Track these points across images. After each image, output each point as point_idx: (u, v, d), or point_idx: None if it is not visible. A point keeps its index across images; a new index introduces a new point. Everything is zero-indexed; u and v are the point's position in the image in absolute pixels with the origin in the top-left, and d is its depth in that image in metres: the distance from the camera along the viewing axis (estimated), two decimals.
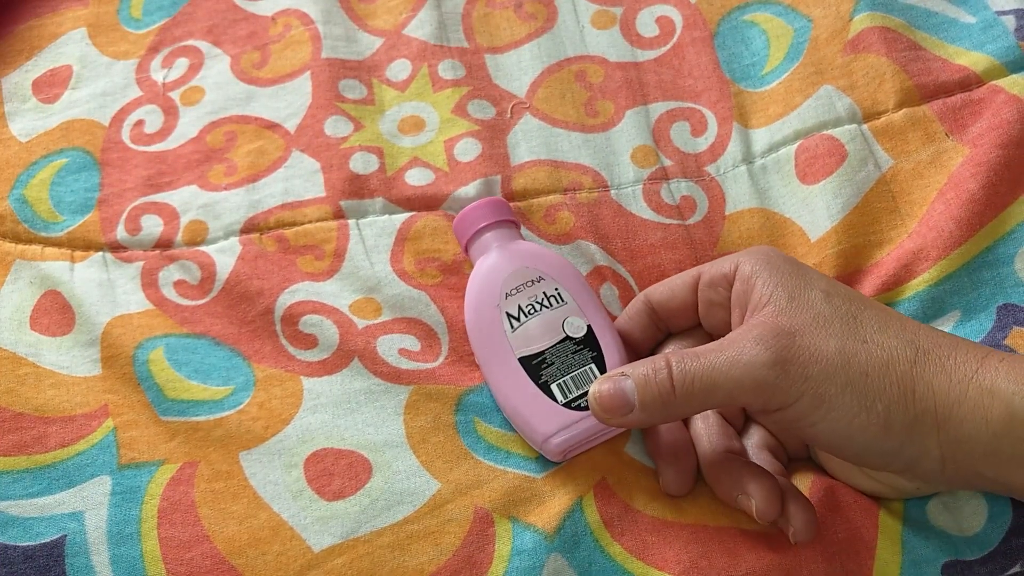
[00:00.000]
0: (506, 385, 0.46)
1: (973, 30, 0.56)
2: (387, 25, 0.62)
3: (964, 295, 0.49)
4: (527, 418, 0.46)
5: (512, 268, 0.48)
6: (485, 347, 0.47)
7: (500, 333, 0.47)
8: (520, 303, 0.47)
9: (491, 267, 0.48)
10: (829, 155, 0.53)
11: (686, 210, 0.54)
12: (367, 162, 0.56)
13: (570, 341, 0.47)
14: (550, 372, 0.46)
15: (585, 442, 0.46)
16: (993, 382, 0.38)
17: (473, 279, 0.49)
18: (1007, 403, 0.38)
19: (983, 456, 0.39)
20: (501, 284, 0.48)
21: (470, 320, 0.48)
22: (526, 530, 0.44)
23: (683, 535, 0.44)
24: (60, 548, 0.44)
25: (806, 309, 0.41)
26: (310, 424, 0.47)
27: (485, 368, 0.48)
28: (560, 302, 0.47)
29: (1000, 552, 0.44)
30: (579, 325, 0.47)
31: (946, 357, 0.40)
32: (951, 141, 0.52)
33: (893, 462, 0.40)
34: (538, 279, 0.48)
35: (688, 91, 0.58)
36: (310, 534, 0.44)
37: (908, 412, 0.39)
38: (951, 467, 0.39)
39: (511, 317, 0.47)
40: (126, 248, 0.54)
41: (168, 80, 0.60)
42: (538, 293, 0.47)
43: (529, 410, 0.45)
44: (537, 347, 0.46)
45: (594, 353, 0.47)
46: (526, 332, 0.47)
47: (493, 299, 0.47)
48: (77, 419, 0.47)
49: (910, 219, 0.51)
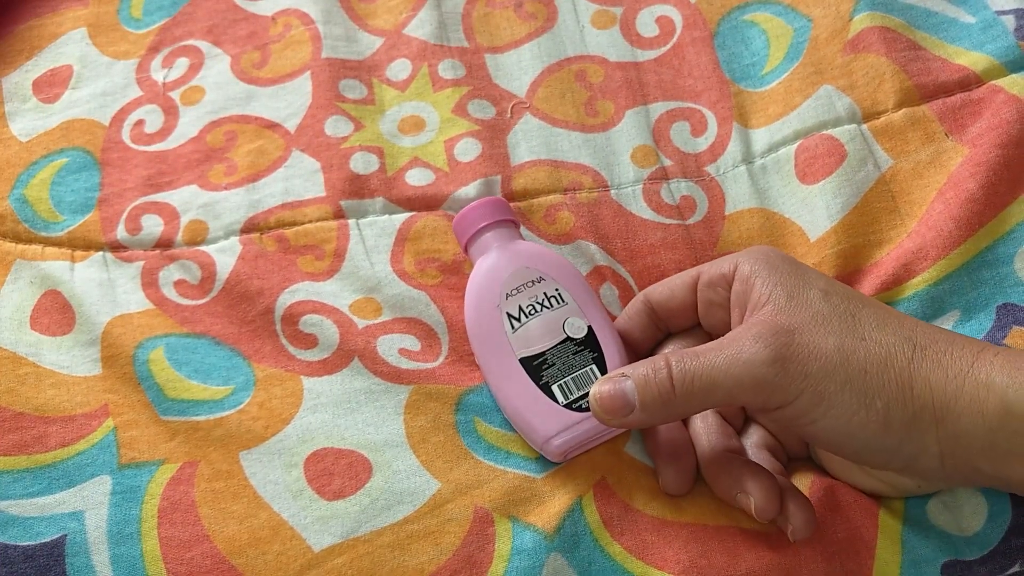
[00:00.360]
0: (507, 386, 0.46)
1: (973, 30, 0.56)
2: (387, 25, 0.62)
3: (964, 295, 0.49)
4: (528, 419, 0.46)
5: (512, 268, 0.48)
6: (486, 347, 0.47)
7: (501, 334, 0.47)
8: (521, 303, 0.47)
9: (491, 267, 0.48)
10: (829, 155, 0.53)
11: (686, 210, 0.54)
12: (367, 162, 0.56)
13: (571, 342, 0.47)
14: (551, 373, 0.46)
15: (586, 443, 0.46)
16: (988, 376, 0.38)
17: (473, 279, 0.49)
18: (1002, 397, 0.38)
19: (980, 451, 0.39)
20: (501, 284, 0.48)
21: (470, 321, 0.48)
22: (526, 530, 0.44)
23: (683, 534, 0.44)
24: (60, 548, 0.44)
25: (805, 308, 0.41)
26: (310, 424, 0.47)
27: (485, 368, 0.48)
28: (561, 303, 0.47)
29: (1000, 552, 0.44)
30: (580, 326, 0.47)
31: (942, 353, 0.40)
32: (951, 141, 0.52)
33: (893, 460, 0.40)
34: (538, 279, 0.48)
35: (688, 91, 0.58)
36: (310, 534, 0.44)
37: (907, 409, 0.39)
38: (950, 463, 0.39)
39: (511, 318, 0.47)
40: (126, 248, 0.54)
41: (168, 80, 0.60)
42: (539, 293, 0.47)
43: (530, 411, 0.45)
44: (538, 348, 0.46)
45: (595, 354, 0.47)
46: (527, 333, 0.47)
47: (493, 299, 0.47)
48: (77, 419, 0.47)
49: (909, 219, 0.51)
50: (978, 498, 0.45)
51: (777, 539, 0.44)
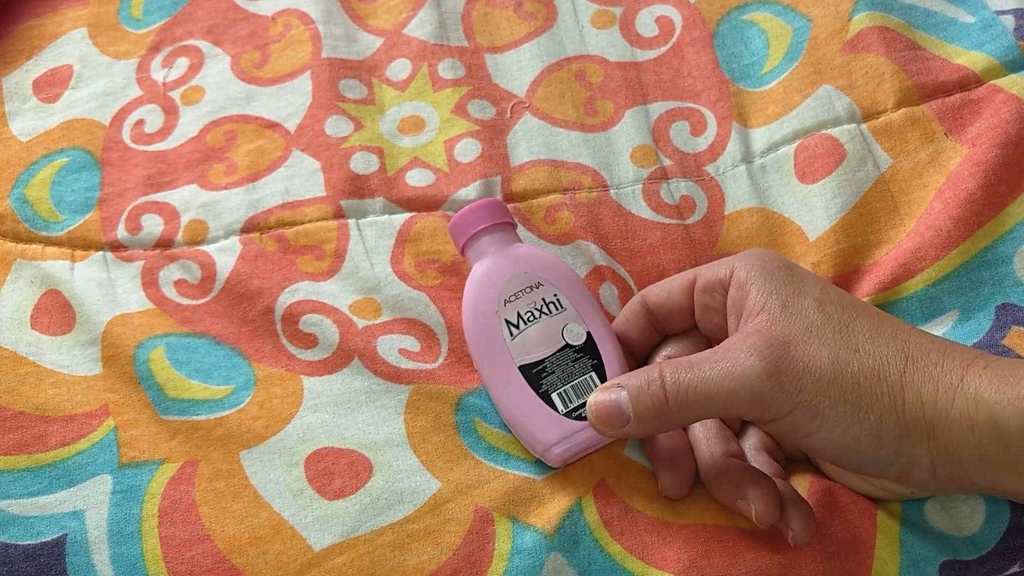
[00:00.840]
0: (506, 393, 0.46)
1: (972, 30, 0.56)
2: (387, 25, 0.62)
3: (963, 295, 0.49)
4: (528, 427, 0.46)
5: (510, 274, 0.48)
6: (484, 354, 0.47)
7: (499, 341, 0.47)
8: (519, 310, 0.47)
9: (488, 272, 0.48)
10: (828, 154, 0.53)
11: (685, 210, 0.54)
12: (367, 162, 0.56)
13: (570, 349, 0.47)
14: (550, 381, 0.46)
15: (586, 450, 0.46)
16: (977, 390, 0.38)
17: (470, 285, 0.48)
18: (991, 412, 0.38)
19: (972, 463, 0.39)
20: (499, 290, 0.47)
21: (468, 327, 0.48)
22: (526, 530, 0.44)
23: (682, 535, 0.44)
24: (61, 547, 0.44)
25: (799, 318, 0.41)
26: (310, 423, 0.47)
27: (485, 375, 0.48)
28: (559, 308, 0.47)
29: (998, 552, 0.44)
30: (579, 332, 0.47)
31: (933, 365, 0.40)
32: (950, 141, 0.52)
33: (887, 470, 0.40)
34: (536, 285, 0.48)
35: (687, 91, 0.58)
36: (310, 533, 0.44)
37: (899, 422, 0.39)
38: (943, 473, 0.39)
39: (510, 324, 0.47)
40: (126, 247, 0.54)
41: (168, 80, 0.60)
42: (537, 299, 0.47)
43: (530, 419, 0.45)
44: (537, 355, 0.46)
45: (594, 361, 0.47)
46: (526, 340, 0.47)
47: (492, 306, 0.47)
48: (78, 418, 0.48)
49: (908, 219, 0.51)
50: (976, 499, 0.45)
51: (777, 540, 0.44)
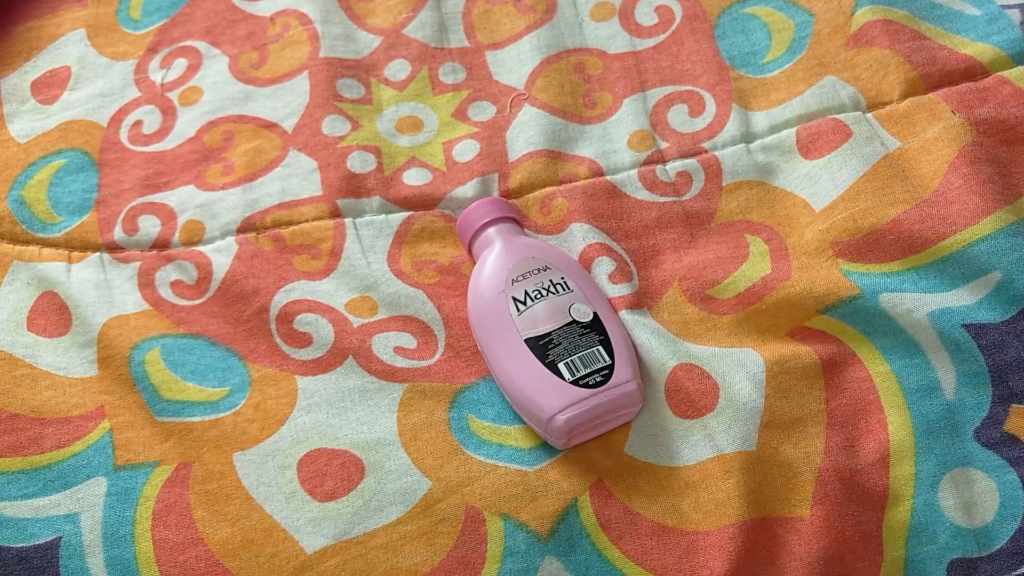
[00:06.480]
0: (511, 365, 0.46)
1: (978, 22, 0.56)
2: (386, 24, 0.61)
3: (1004, 255, 0.48)
4: (533, 396, 0.45)
5: (518, 257, 0.48)
6: (489, 330, 0.47)
7: (506, 316, 0.46)
8: (527, 288, 0.47)
9: (496, 256, 0.48)
10: (833, 132, 0.53)
11: (682, 186, 0.54)
12: (364, 161, 0.55)
13: (577, 324, 0.46)
14: (557, 352, 0.45)
15: (589, 425, 0.45)
16: None
17: (478, 269, 0.48)
18: None
19: None
20: (507, 271, 0.47)
21: (473, 305, 0.48)
22: (518, 530, 0.43)
23: (683, 541, 0.43)
24: (55, 550, 0.43)
25: None
26: (304, 424, 0.47)
27: (488, 351, 0.47)
28: (566, 290, 0.47)
29: (1007, 551, 0.43)
30: (585, 311, 0.47)
31: None
32: (958, 117, 0.51)
33: None
34: (544, 268, 0.48)
35: (686, 75, 0.57)
36: (303, 535, 0.44)
37: None
38: None
39: (517, 301, 0.47)
40: (123, 248, 0.54)
41: (166, 80, 0.60)
42: (544, 280, 0.47)
43: (535, 388, 0.45)
44: (544, 329, 0.46)
45: (601, 336, 0.46)
46: (532, 315, 0.46)
47: (499, 285, 0.47)
48: (73, 420, 0.47)
49: (923, 188, 0.50)
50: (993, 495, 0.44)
51: (777, 541, 0.43)
